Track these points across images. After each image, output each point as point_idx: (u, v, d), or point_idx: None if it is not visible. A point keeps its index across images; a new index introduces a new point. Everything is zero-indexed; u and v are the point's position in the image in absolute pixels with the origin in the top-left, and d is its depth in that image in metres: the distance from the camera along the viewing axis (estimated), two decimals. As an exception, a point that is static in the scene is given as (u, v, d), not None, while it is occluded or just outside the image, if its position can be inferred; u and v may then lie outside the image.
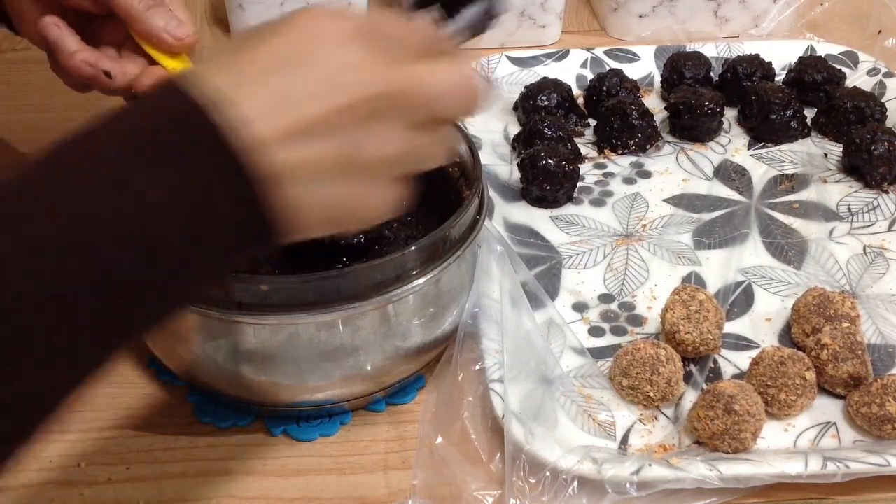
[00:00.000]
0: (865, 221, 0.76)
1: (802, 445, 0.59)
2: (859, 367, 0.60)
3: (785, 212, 0.77)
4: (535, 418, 0.58)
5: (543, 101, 0.84)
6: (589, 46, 0.93)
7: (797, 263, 0.73)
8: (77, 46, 0.63)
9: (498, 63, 0.90)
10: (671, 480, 0.55)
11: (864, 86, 0.88)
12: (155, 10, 0.65)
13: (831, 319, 0.63)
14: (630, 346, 0.61)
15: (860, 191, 0.79)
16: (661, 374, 0.60)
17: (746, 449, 0.57)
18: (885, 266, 0.72)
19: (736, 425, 0.56)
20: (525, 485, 0.55)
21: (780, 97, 0.84)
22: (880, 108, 0.84)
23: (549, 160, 0.75)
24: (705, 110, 0.83)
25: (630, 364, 0.60)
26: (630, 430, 0.60)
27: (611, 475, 0.54)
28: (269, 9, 0.93)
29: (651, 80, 0.92)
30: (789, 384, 0.59)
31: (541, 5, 0.96)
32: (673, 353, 0.61)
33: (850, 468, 0.55)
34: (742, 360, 0.64)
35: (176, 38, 0.65)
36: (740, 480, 0.55)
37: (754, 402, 0.57)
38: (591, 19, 1.04)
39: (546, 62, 0.91)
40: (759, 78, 0.88)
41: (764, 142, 0.85)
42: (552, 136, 0.80)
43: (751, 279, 0.71)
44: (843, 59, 0.91)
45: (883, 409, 0.57)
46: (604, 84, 0.86)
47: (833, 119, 0.84)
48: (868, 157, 0.78)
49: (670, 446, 0.59)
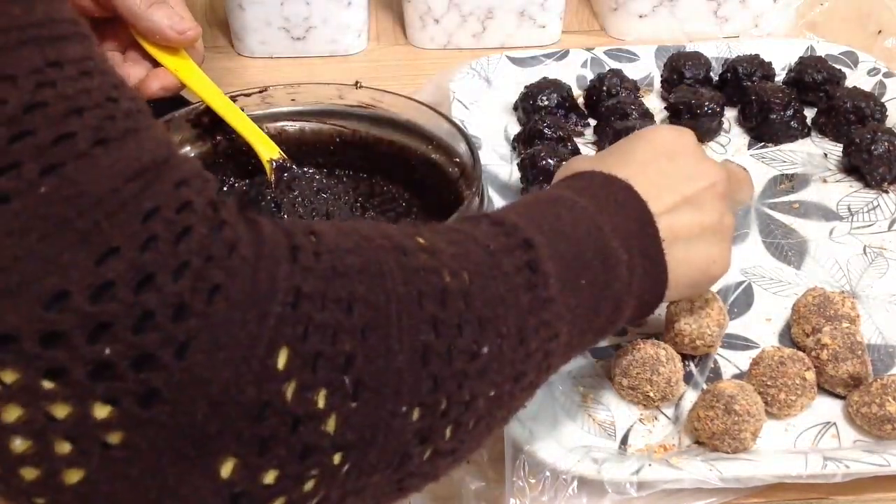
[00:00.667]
0: (865, 221, 0.76)
1: (802, 445, 0.59)
2: (859, 367, 0.60)
3: (785, 212, 0.77)
4: (534, 418, 0.58)
5: (543, 101, 0.84)
6: (589, 46, 0.93)
7: (797, 263, 0.73)
8: None
9: (498, 63, 0.90)
10: (671, 480, 0.55)
11: (864, 86, 0.88)
12: (156, 8, 0.65)
13: (831, 319, 0.63)
14: (630, 346, 0.61)
15: (860, 191, 0.79)
16: (660, 374, 0.59)
17: (746, 449, 0.57)
18: (885, 266, 0.72)
19: (736, 425, 0.56)
20: (525, 485, 0.55)
21: (780, 97, 0.84)
22: (880, 108, 0.84)
23: (549, 160, 0.75)
24: (705, 110, 0.83)
25: (630, 364, 0.60)
26: (630, 430, 0.60)
27: (611, 475, 0.55)
28: (269, 9, 0.93)
29: (651, 80, 0.91)
30: (789, 384, 0.59)
31: (541, 5, 0.96)
32: (673, 354, 0.61)
33: (850, 468, 0.55)
34: (742, 360, 0.64)
35: (178, 32, 0.66)
36: (740, 480, 0.55)
37: (754, 402, 0.57)
38: (591, 19, 1.04)
39: (546, 62, 0.91)
40: (759, 78, 0.88)
41: (764, 142, 0.85)
42: (552, 136, 0.80)
43: (751, 279, 0.71)
44: (843, 59, 0.91)
45: (883, 409, 0.57)
46: (604, 84, 0.86)
47: (833, 119, 0.84)
48: (868, 157, 0.78)
49: (670, 446, 0.59)
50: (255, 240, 0.34)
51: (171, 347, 0.30)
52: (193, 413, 0.30)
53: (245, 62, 0.96)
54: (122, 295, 0.29)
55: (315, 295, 0.34)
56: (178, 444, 0.30)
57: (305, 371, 0.33)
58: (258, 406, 0.31)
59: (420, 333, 0.36)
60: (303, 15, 0.94)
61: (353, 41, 0.97)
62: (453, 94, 0.85)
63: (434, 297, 0.37)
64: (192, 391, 0.30)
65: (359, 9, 0.95)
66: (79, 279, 0.29)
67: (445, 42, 0.98)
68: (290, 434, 0.32)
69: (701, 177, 0.55)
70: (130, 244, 0.30)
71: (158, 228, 0.31)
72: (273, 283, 0.33)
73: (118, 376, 0.29)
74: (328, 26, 0.95)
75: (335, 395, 0.33)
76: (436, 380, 0.37)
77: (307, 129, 0.75)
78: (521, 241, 0.44)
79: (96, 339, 0.29)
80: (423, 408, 0.36)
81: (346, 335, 0.34)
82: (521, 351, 0.42)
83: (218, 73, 0.85)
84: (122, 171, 0.31)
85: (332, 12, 0.94)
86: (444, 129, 0.71)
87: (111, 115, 0.32)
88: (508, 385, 0.41)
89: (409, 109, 0.73)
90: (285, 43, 0.96)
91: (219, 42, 0.99)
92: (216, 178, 0.44)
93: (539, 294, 0.43)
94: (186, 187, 0.33)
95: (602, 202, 0.50)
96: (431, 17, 0.96)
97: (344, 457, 0.34)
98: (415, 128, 0.73)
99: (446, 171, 0.70)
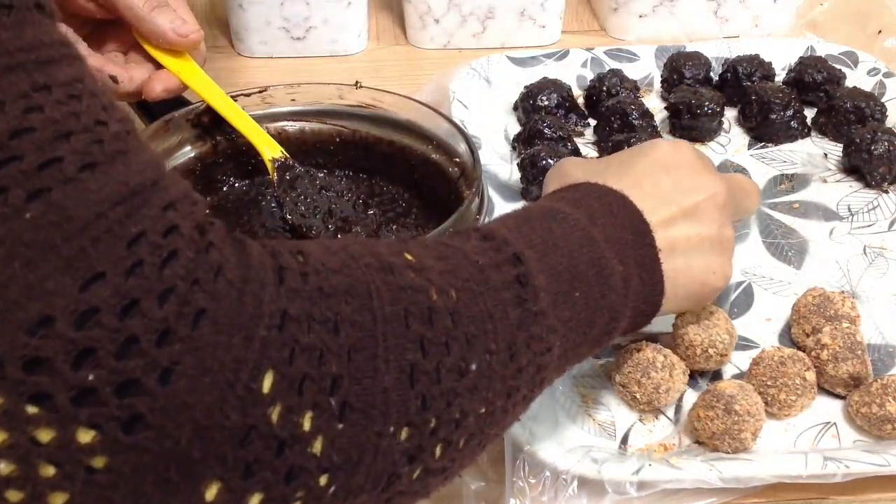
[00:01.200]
0: (865, 221, 0.76)
1: (802, 445, 0.59)
2: (859, 367, 0.60)
3: (785, 212, 0.77)
4: (535, 418, 0.58)
5: (543, 101, 0.84)
6: (589, 46, 0.93)
7: (797, 263, 0.73)
8: (84, 52, 0.63)
9: (498, 63, 0.90)
10: (671, 480, 0.55)
11: (864, 86, 0.88)
12: (159, 10, 0.65)
13: (831, 319, 0.63)
14: (633, 346, 0.61)
15: (860, 191, 0.79)
16: (650, 379, 0.59)
17: (746, 449, 0.57)
18: (885, 266, 0.72)
19: (736, 425, 0.56)
20: (525, 485, 0.55)
21: (780, 97, 0.84)
22: (880, 108, 0.84)
23: (549, 160, 0.75)
24: (705, 110, 0.83)
25: (625, 361, 0.60)
26: (630, 429, 0.60)
27: (611, 475, 0.55)
28: (269, 9, 0.93)
29: (651, 80, 0.91)
30: (789, 384, 0.59)
31: (541, 5, 0.96)
32: (673, 364, 0.60)
33: (850, 468, 0.55)
34: (742, 360, 0.64)
35: (181, 35, 0.66)
36: (740, 480, 0.55)
37: (754, 402, 0.57)
38: (591, 19, 1.04)
39: (546, 62, 0.91)
40: (759, 78, 0.88)
41: (764, 142, 0.85)
42: (552, 136, 0.80)
43: (751, 279, 0.71)
44: (843, 59, 0.91)
45: (883, 409, 0.58)
46: (604, 84, 0.86)
47: (833, 119, 0.84)
48: (868, 157, 0.78)
49: (670, 446, 0.59)
50: (242, 262, 0.34)
51: (154, 373, 0.30)
52: (177, 438, 0.30)
53: (245, 62, 0.96)
54: (106, 321, 0.30)
55: (301, 317, 0.34)
56: (162, 469, 0.30)
57: (291, 394, 0.33)
58: (243, 430, 0.31)
59: (407, 353, 0.36)
60: (303, 15, 0.94)
61: (353, 41, 0.97)
62: (453, 94, 0.85)
63: (421, 316, 0.37)
64: (176, 416, 0.30)
65: (359, 9, 0.95)
66: (63, 305, 0.29)
67: (445, 42, 0.98)
68: (275, 457, 0.32)
69: (699, 189, 0.55)
70: (116, 269, 0.30)
71: (144, 253, 0.31)
72: (259, 306, 0.33)
73: (101, 402, 0.29)
74: (328, 26, 0.95)
75: (321, 417, 0.33)
76: (424, 399, 0.37)
77: (307, 129, 0.75)
78: (511, 255, 0.44)
79: (80, 365, 0.29)
80: (411, 427, 0.36)
81: (332, 357, 0.34)
82: (511, 366, 0.41)
83: (218, 73, 0.85)
84: (109, 195, 0.31)
85: (332, 12, 0.94)
86: (444, 129, 0.71)
87: (99, 138, 0.32)
88: (500, 401, 0.41)
89: (409, 109, 0.73)
90: (285, 43, 0.96)
91: (219, 42, 0.99)
92: (205, 200, 0.44)
93: (529, 308, 0.43)
94: (174, 210, 0.33)
95: (596, 214, 0.51)
96: (431, 17, 0.96)
97: (330, 478, 0.34)
98: (415, 128, 0.73)
99: (446, 171, 0.70)
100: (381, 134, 0.74)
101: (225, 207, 0.73)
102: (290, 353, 0.33)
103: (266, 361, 0.32)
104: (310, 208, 0.69)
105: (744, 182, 0.63)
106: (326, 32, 0.95)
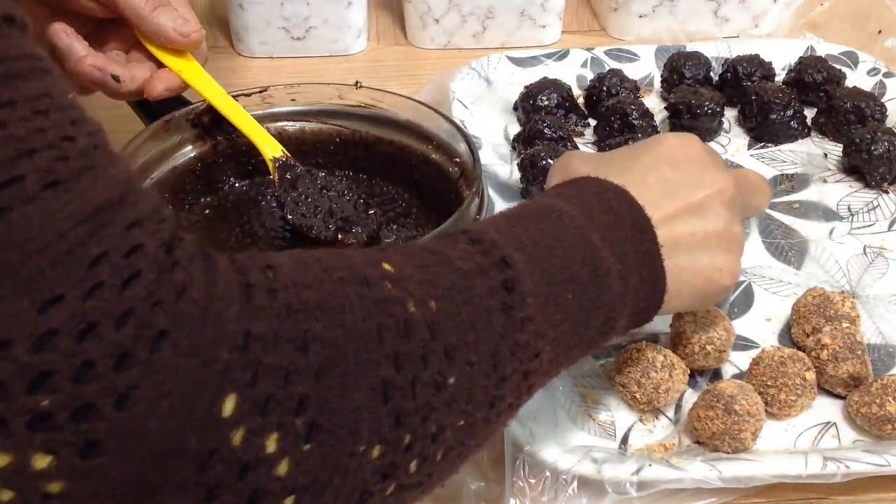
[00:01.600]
0: (865, 221, 0.77)
1: (802, 445, 0.59)
2: (859, 367, 0.60)
3: (785, 212, 0.77)
4: (535, 418, 0.58)
5: (543, 101, 0.84)
6: (589, 46, 0.93)
7: (797, 263, 0.73)
8: (86, 51, 0.63)
9: (498, 63, 0.90)
10: (671, 480, 0.55)
11: (864, 86, 0.88)
12: (161, 10, 0.65)
13: (831, 319, 0.63)
14: (633, 346, 0.61)
15: (860, 191, 0.79)
16: (650, 379, 0.59)
17: (746, 449, 0.57)
18: (885, 266, 0.72)
19: (736, 425, 0.56)
20: (525, 485, 0.55)
21: (780, 97, 0.84)
22: (880, 108, 0.84)
23: (549, 160, 0.75)
24: (705, 110, 0.83)
25: (626, 361, 0.60)
26: (630, 429, 0.60)
27: (611, 475, 0.55)
28: (269, 9, 0.93)
29: (651, 80, 0.92)
30: (789, 384, 0.59)
31: (541, 5, 0.96)
32: (673, 364, 0.60)
33: (850, 468, 0.55)
34: (742, 360, 0.64)
35: (183, 35, 0.66)
36: (740, 480, 0.55)
37: (754, 402, 0.57)
38: (591, 19, 1.04)
39: (546, 62, 0.91)
40: (759, 78, 0.88)
41: (764, 142, 0.85)
42: (552, 136, 0.80)
43: (751, 279, 0.71)
44: (843, 59, 0.91)
45: (883, 409, 0.58)
46: (604, 84, 0.86)
47: (833, 119, 0.84)
48: (868, 157, 0.78)
49: (670, 446, 0.59)
50: (209, 280, 0.33)
51: (111, 398, 0.29)
52: (135, 463, 0.30)
53: (245, 62, 0.97)
54: (63, 344, 0.29)
55: (266, 336, 0.33)
56: (120, 494, 0.30)
57: (254, 416, 0.32)
58: (204, 454, 0.31)
59: (380, 368, 0.35)
60: (303, 15, 0.94)
61: (353, 41, 0.97)
62: (453, 94, 0.85)
63: (396, 330, 0.36)
64: (133, 442, 0.30)
65: (359, 9, 0.95)
66: (21, 328, 0.29)
67: (445, 42, 0.98)
68: (237, 480, 0.32)
69: (706, 184, 0.54)
70: (74, 292, 0.29)
71: (104, 274, 0.30)
72: (221, 327, 0.32)
73: (58, 426, 0.29)
74: (328, 26, 0.95)
75: (286, 438, 0.32)
76: (398, 416, 0.36)
77: (307, 129, 0.75)
78: (498, 259, 0.43)
79: (36, 390, 0.29)
80: (384, 444, 0.35)
81: (299, 376, 0.33)
82: (494, 376, 0.41)
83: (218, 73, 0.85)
84: (71, 214, 0.30)
85: (332, 12, 0.94)
86: (444, 129, 0.71)
87: (65, 154, 0.31)
88: (481, 412, 0.40)
89: (409, 109, 0.73)
90: (285, 43, 0.96)
91: (219, 42, 0.99)
92: (174, 214, 0.43)
93: (515, 315, 0.42)
94: (139, 228, 0.32)
95: (594, 210, 0.50)
96: (431, 17, 0.96)
97: (296, 500, 0.33)
98: (415, 128, 0.73)
99: (446, 171, 0.70)
100: (381, 134, 0.74)
101: (225, 207, 0.73)
102: (253, 375, 0.32)
103: (227, 384, 0.31)
104: (311, 208, 0.69)
105: (754, 178, 0.62)
106: (326, 32, 0.96)
